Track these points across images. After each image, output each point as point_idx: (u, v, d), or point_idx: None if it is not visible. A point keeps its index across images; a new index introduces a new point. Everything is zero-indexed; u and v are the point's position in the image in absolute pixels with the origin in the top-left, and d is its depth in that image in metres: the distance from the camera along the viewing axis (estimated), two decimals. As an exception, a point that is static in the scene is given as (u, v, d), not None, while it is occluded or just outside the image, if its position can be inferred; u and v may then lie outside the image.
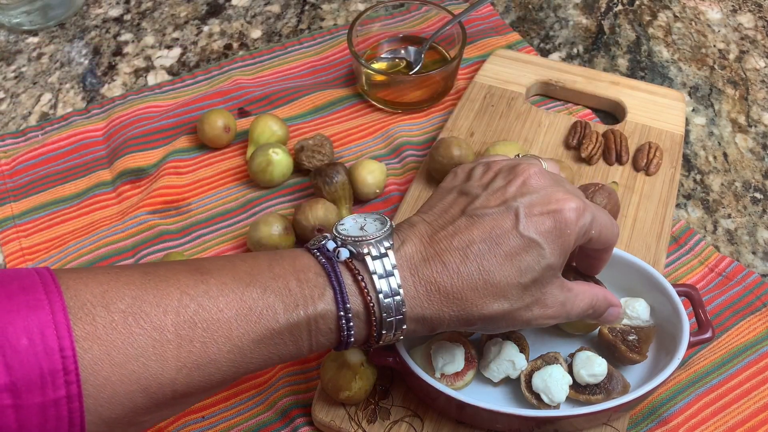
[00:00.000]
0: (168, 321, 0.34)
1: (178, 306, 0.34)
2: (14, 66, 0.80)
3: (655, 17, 0.83)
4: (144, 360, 0.33)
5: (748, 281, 0.58)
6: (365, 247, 0.39)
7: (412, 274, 0.39)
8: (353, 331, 0.38)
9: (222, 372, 0.36)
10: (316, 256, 0.39)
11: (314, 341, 0.38)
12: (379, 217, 0.42)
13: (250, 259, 0.38)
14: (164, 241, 0.62)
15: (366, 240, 0.39)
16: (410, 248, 0.39)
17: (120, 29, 0.84)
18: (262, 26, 0.83)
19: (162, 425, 0.51)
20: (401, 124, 0.71)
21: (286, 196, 0.66)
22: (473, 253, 0.39)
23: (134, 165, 0.68)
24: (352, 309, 0.38)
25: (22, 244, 0.63)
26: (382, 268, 0.38)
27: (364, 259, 0.38)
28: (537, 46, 0.80)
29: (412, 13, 0.79)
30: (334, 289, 0.37)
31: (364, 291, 0.38)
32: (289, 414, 0.52)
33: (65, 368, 0.31)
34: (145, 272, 0.36)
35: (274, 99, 0.74)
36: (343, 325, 0.37)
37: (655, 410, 0.51)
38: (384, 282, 0.38)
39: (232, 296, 0.36)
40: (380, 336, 0.39)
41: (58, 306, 0.32)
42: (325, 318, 0.37)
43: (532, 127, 0.68)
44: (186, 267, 0.37)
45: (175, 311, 0.34)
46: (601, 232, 0.42)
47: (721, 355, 0.54)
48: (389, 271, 0.38)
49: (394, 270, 0.38)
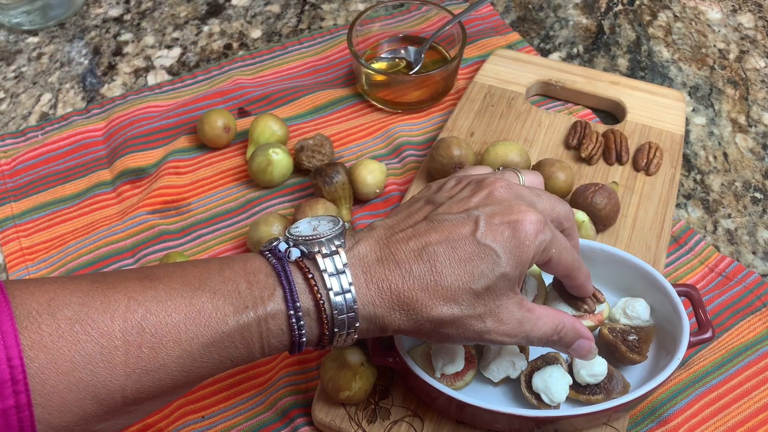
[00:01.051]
0: (115, 327, 0.33)
1: (126, 311, 0.34)
2: (14, 66, 0.80)
3: (655, 17, 0.83)
4: (92, 367, 0.33)
5: (748, 281, 0.58)
6: (316, 246, 0.39)
7: (365, 272, 0.39)
8: (304, 330, 0.38)
9: (172, 377, 0.35)
10: (267, 258, 0.39)
11: (266, 343, 0.38)
12: (333, 219, 0.42)
13: (202, 265, 0.38)
14: (164, 241, 0.62)
15: (317, 239, 0.39)
16: (364, 248, 0.40)
17: (120, 29, 0.84)
18: (262, 26, 0.83)
19: (162, 425, 0.52)
20: (401, 124, 0.71)
21: (286, 196, 0.66)
22: (427, 254, 0.39)
23: (134, 165, 0.68)
24: (302, 307, 0.37)
25: (22, 244, 0.63)
26: (332, 266, 0.38)
27: (314, 258, 0.38)
28: (537, 46, 0.80)
29: (412, 13, 0.79)
30: (284, 288, 0.37)
31: (314, 289, 0.37)
32: (289, 414, 0.52)
33: (13, 378, 0.31)
34: (94, 280, 0.35)
35: (274, 99, 0.74)
36: (293, 324, 0.37)
37: (655, 410, 0.51)
38: (335, 280, 0.38)
39: (181, 300, 0.35)
40: (333, 335, 0.39)
41: (5, 315, 0.32)
42: (275, 318, 0.37)
43: (532, 127, 0.68)
44: (135, 274, 0.37)
45: (122, 317, 0.34)
46: (561, 254, 0.42)
47: (721, 355, 0.54)
48: (340, 269, 0.38)
49: (345, 268, 0.38)
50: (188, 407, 0.52)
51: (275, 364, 0.55)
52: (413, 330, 0.40)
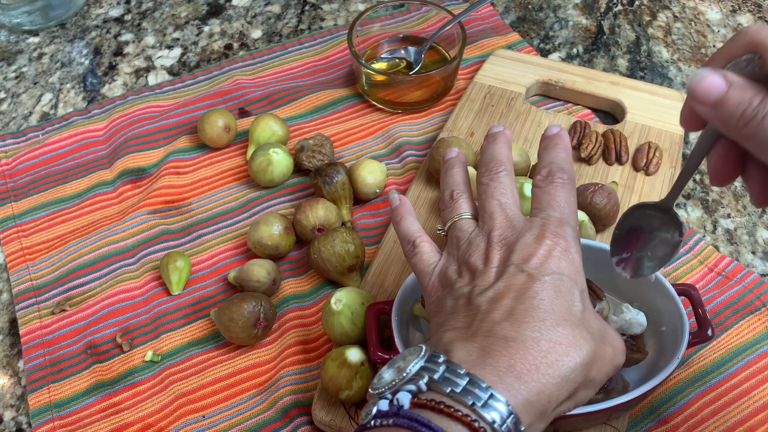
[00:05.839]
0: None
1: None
2: (15, 66, 0.80)
3: (655, 17, 0.83)
4: None
5: (747, 281, 0.58)
6: (424, 376, 0.34)
7: (483, 369, 0.34)
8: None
9: None
10: (381, 425, 0.33)
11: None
12: (405, 353, 0.37)
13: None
14: (165, 241, 0.62)
15: (418, 374, 0.34)
16: (461, 353, 0.35)
17: (120, 29, 0.84)
18: (262, 26, 0.83)
19: (162, 425, 0.52)
20: (401, 124, 0.71)
21: (287, 196, 0.66)
22: (519, 312, 0.36)
23: (135, 165, 0.68)
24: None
25: (23, 244, 0.63)
26: (455, 384, 0.33)
27: (436, 389, 0.34)
28: (537, 46, 0.80)
29: (412, 13, 0.79)
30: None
31: (456, 414, 0.32)
32: (290, 413, 0.52)
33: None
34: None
35: (275, 99, 0.74)
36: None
37: (655, 409, 0.51)
38: (467, 394, 0.33)
39: None
40: None
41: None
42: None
43: (532, 127, 0.68)
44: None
45: None
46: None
47: (721, 354, 0.54)
48: (465, 381, 0.33)
49: (467, 376, 0.33)
50: (188, 407, 0.52)
51: (275, 363, 0.55)
52: (564, 390, 0.35)
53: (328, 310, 0.51)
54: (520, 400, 0.33)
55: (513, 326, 0.36)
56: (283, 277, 0.59)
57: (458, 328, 0.38)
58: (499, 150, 0.45)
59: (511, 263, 0.39)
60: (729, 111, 0.33)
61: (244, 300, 0.53)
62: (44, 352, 0.56)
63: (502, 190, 0.43)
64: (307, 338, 0.56)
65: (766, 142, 0.32)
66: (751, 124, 0.32)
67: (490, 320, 0.36)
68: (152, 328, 0.57)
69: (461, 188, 0.46)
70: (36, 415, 0.53)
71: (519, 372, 0.34)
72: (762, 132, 0.32)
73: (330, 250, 0.56)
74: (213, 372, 0.54)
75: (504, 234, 0.41)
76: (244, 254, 0.61)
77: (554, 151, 0.43)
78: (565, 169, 0.42)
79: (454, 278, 0.41)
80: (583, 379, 0.36)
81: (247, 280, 0.57)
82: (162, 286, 0.60)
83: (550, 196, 0.41)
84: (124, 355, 0.56)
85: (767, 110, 0.32)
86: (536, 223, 0.40)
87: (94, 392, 0.54)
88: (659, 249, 0.44)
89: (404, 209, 0.47)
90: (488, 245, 0.41)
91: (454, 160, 0.48)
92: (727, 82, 0.33)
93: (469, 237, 0.42)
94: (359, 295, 0.52)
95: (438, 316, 0.40)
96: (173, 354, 0.56)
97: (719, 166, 0.38)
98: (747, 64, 0.34)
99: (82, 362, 0.55)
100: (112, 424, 0.52)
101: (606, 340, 0.38)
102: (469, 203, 0.45)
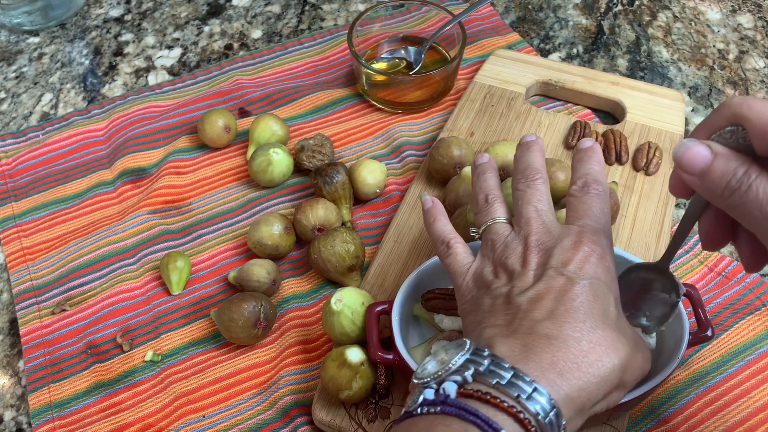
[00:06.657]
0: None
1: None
2: (15, 66, 0.80)
3: (655, 17, 0.83)
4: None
5: (747, 281, 0.58)
6: (470, 368, 0.35)
7: (527, 364, 0.35)
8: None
9: None
10: (429, 413, 0.34)
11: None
12: (447, 346, 0.38)
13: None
14: (165, 241, 0.62)
15: (463, 366, 0.35)
16: (503, 348, 0.36)
17: (121, 29, 0.84)
18: (262, 26, 0.83)
19: (162, 425, 0.52)
20: (401, 124, 0.71)
21: (287, 195, 0.66)
22: (560, 313, 0.37)
23: (135, 165, 0.68)
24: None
25: (23, 244, 0.63)
26: (501, 377, 0.34)
27: (481, 381, 0.35)
28: (537, 46, 0.80)
29: (412, 14, 0.79)
30: (476, 423, 0.32)
31: (502, 405, 0.33)
32: (290, 413, 0.52)
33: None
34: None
35: (275, 99, 0.74)
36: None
37: (655, 409, 0.51)
38: (512, 387, 0.34)
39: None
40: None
41: None
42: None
43: (532, 127, 0.68)
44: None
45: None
46: None
47: (721, 354, 0.54)
48: (510, 374, 0.34)
49: (512, 370, 0.34)
50: (188, 407, 0.52)
51: (275, 363, 0.55)
52: (604, 389, 0.36)
53: (329, 310, 0.51)
54: (561, 395, 0.34)
55: (554, 325, 0.37)
56: (283, 277, 0.60)
57: (498, 325, 0.38)
58: (534, 158, 0.46)
59: (550, 266, 0.40)
60: (714, 181, 0.33)
61: (245, 300, 0.53)
62: (44, 352, 0.56)
63: (538, 197, 0.44)
64: (307, 338, 0.56)
65: (750, 212, 0.33)
66: (735, 194, 0.33)
67: (531, 318, 0.37)
68: (152, 328, 0.57)
69: (495, 192, 0.47)
70: (36, 415, 0.53)
71: (561, 369, 0.35)
72: (746, 202, 0.33)
73: (330, 250, 0.56)
74: (213, 372, 0.54)
75: (541, 239, 0.42)
76: (244, 254, 0.61)
77: (588, 163, 0.45)
78: (600, 180, 0.44)
79: (490, 279, 0.42)
80: (618, 381, 0.37)
81: (247, 280, 0.57)
82: (162, 286, 0.60)
83: (586, 206, 0.43)
84: (124, 355, 0.56)
85: (751, 181, 0.32)
86: (573, 230, 0.41)
87: (94, 392, 0.54)
88: (657, 309, 0.45)
89: (437, 211, 0.48)
90: (525, 249, 0.42)
91: (486, 165, 0.49)
92: (712, 152, 0.34)
93: (506, 240, 0.43)
94: (359, 295, 0.52)
95: (474, 315, 0.41)
96: (173, 354, 0.56)
97: (710, 231, 0.39)
98: (731, 135, 0.34)
99: (82, 362, 0.55)
100: (112, 424, 0.52)
101: (638, 346, 0.39)
102: (503, 207, 0.46)
